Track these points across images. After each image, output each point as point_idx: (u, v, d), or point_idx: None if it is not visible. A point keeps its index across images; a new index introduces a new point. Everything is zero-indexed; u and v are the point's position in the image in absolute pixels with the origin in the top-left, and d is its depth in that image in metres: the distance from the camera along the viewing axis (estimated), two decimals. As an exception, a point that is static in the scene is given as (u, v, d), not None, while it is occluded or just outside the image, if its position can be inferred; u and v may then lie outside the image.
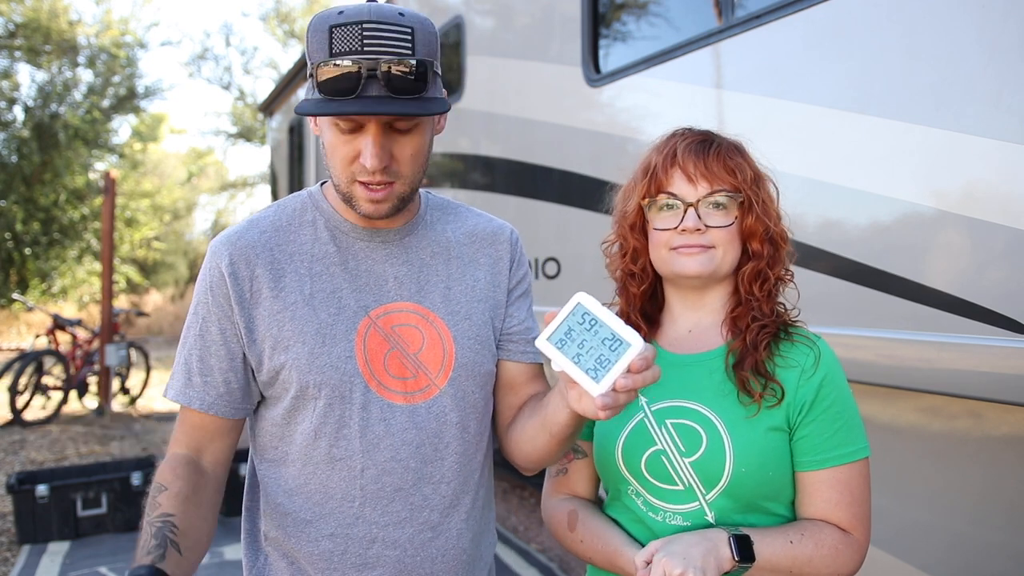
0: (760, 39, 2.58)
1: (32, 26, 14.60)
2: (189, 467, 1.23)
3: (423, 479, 1.26)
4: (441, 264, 1.32)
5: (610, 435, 1.31)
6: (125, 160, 18.04)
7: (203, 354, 1.24)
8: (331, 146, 1.18)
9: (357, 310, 1.25)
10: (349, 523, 1.24)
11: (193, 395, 1.24)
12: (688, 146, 1.27)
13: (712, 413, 1.24)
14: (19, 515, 4.47)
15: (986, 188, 1.96)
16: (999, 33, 1.92)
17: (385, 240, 1.29)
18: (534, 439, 1.23)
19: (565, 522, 1.35)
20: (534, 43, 4.08)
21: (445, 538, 1.28)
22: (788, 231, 1.32)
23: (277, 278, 1.23)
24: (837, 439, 1.22)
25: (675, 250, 1.26)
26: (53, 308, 14.73)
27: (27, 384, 7.59)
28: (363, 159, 1.15)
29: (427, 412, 1.26)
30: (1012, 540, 2.04)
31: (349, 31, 1.09)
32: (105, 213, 8.09)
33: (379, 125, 1.13)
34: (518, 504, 5.12)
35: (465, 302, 1.32)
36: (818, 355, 1.24)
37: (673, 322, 1.35)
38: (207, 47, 30.72)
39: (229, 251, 1.23)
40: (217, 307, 1.23)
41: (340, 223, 1.29)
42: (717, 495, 1.21)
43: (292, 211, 1.30)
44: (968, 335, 1.95)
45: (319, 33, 1.12)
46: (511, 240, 1.40)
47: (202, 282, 1.25)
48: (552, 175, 3.85)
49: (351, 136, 1.15)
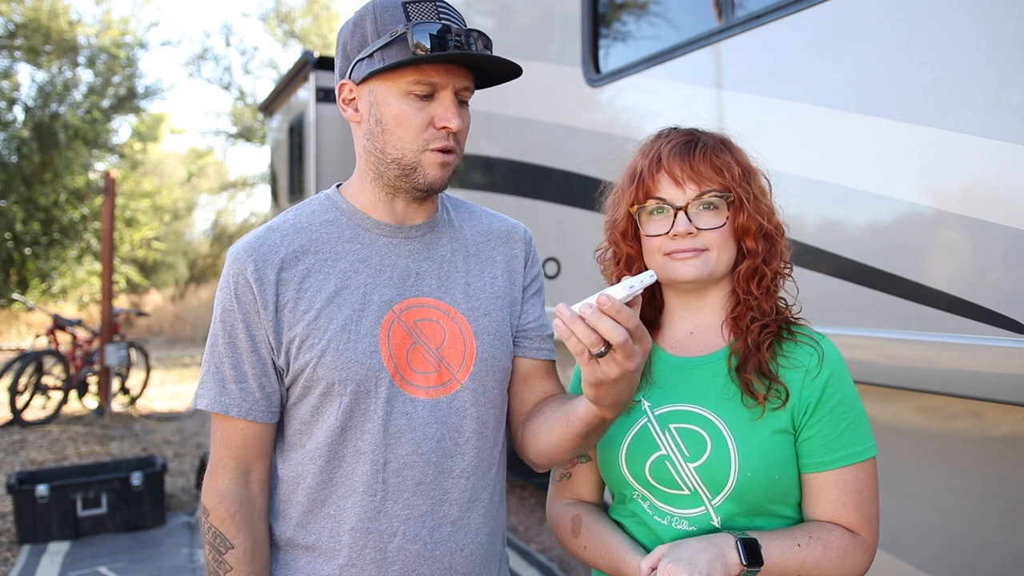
0: (760, 39, 2.58)
1: (32, 26, 14.60)
2: (244, 509, 1.26)
3: (443, 473, 1.27)
4: (461, 261, 1.34)
5: (614, 440, 1.29)
6: (125, 160, 18.05)
7: (235, 361, 1.24)
8: (401, 116, 1.21)
9: (381, 305, 1.26)
10: (371, 517, 1.24)
11: (230, 402, 1.25)
12: (672, 148, 1.26)
13: (716, 417, 1.22)
14: (19, 515, 4.47)
15: (986, 188, 1.96)
16: (999, 33, 1.92)
17: (408, 236, 1.31)
18: (551, 430, 1.25)
19: (569, 527, 1.34)
20: (534, 43, 4.08)
21: (464, 532, 1.29)
22: (783, 225, 1.30)
23: (302, 279, 1.25)
24: (843, 439, 1.21)
25: (669, 255, 1.24)
26: (53, 308, 14.74)
27: (27, 384, 7.59)
28: (444, 121, 1.21)
29: (448, 407, 1.27)
30: (1012, 540, 2.04)
31: (425, 6, 1.19)
32: (105, 213, 8.09)
33: (453, 91, 1.22)
34: (518, 504, 5.12)
35: (485, 298, 1.33)
36: (822, 354, 1.23)
37: (673, 325, 1.34)
38: (207, 47, 30.71)
39: (252, 257, 1.24)
40: (244, 313, 1.23)
41: (362, 220, 1.30)
42: (723, 500, 1.20)
43: (312, 213, 1.31)
44: (968, 335, 1.95)
45: (393, 9, 1.20)
46: (525, 238, 1.44)
47: (225, 290, 1.25)
48: (552, 175, 3.85)
49: (424, 103, 1.21)
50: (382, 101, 1.22)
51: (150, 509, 4.68)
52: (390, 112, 1.22)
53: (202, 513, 1.27)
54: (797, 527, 1.21)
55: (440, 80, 1.20)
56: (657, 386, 1.29)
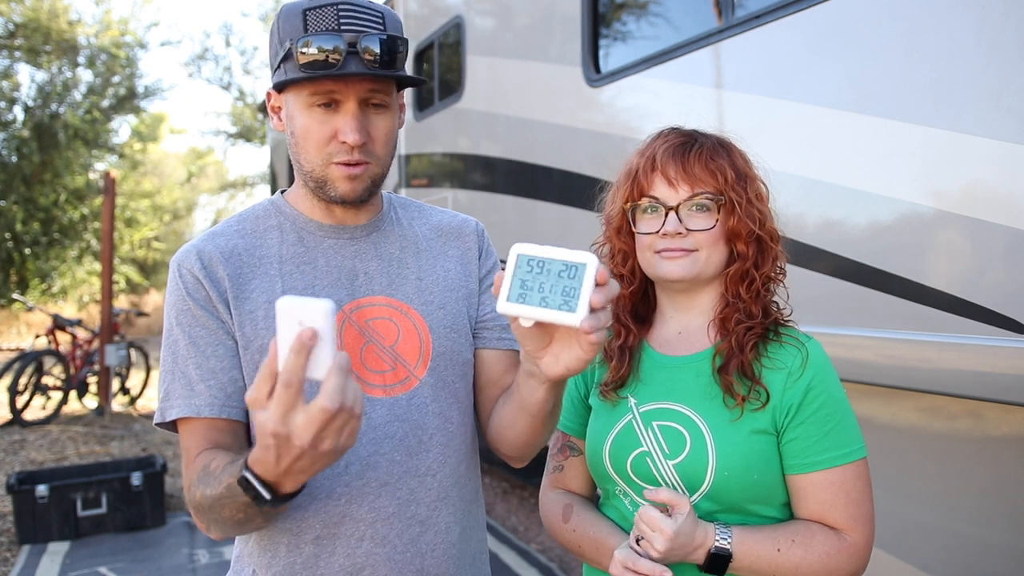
0: (760, 39, 2.58)
1: (32, 26, 14.59)
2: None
3: (408, 472, 1.24)
4: (411, 257, 1.32)
5: (599, 435, 1.31)
6: (125, 160, 18.04)
7: (200, 360, 1.18)
8: (305, 130, 1.19)
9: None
10: (335, 523, 1.21)
11: (201, 403, 1.17)
12: (668, 149, 1.26)
13: (697, 416, 1.24)
14: (19, 515, 4.47)
15: (986, 188, 1.96)
16: (999, 33, 1.92)
17: (353, 237, 1.29)
18: (514, 424, 1.21)
19: (560, 514, 1.36)
20: (534, 43, 4.08)
21: (434, 532, 1.26)
22: (779, 231, 1.30)
23: (245, 282, 1.22)
24: (827, 442, 1.21)
25: (658, 253, 1.26)
26: (53, 308, 14.73)
27: (27, 384, 7.59)
28: (343, 135, 1.16)
29: (408, 404, 1.25)
30: (1013, 540, 2.04)
31: (325, 12, 1.14)
32: (105, 213, 8.09)
33: (356, 101, 1.17)
34: (518, 504, 5.12)
35: (438, 292, 1.32)
36: (806, 356, 1.23)
37: (663, 323, 1.35)
38: (207, 47, 30.71)
39: (198, 255, 1.22)
40: (200, 309, 1.19)
41: (306, 223, 1.28)
42: (700, 498, 1.21)
43: (255, 219, 1.29)
44: (968, 335, 1.95)
45: (293, 17, 1.16)
46: (477, 231, 1.42)
47: (175, 292, 1.21)
48: (552, 175, 3.85)
49: (327, 115, 1.17)
50: (292, 113, 1.21)
51: (150, 509, 4.68)
52: (298, 125, 1.20)
53: (192, 512, 1.16)
54: (783, 527, 1.21)
55: (337, 90, 1.16)
56: (644, 383, 1.31)
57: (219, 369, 1.19)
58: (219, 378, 1.19)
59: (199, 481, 1.11)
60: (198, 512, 1.13)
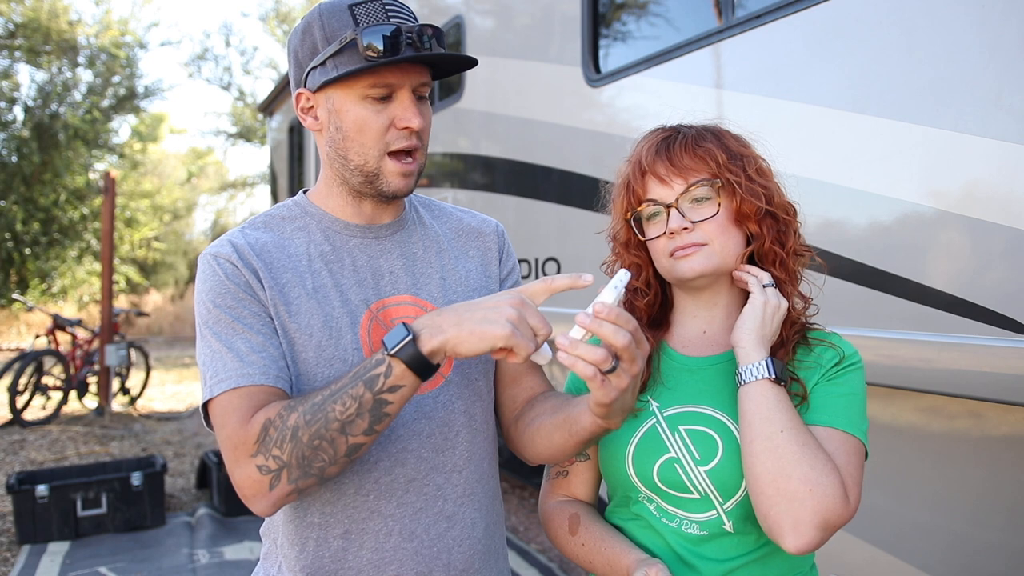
0: (760, 39, 2.58)
1: (32, 26, 14.60)
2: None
3: (435, 468, 1.26)
4: (434, 256, 1.34)
5: (619, 441, 1.26)
6: (125, 160, 18.04)
7: (247, 336, 1.16)
8: (360, 122, 1.20)
9: (358, 304, 1.25)
10: (364, 518, 1.22)
11: (255, 371, 1.13)
12: (652, 148, 1.24)
13: (729, 419, 1.19)
14: (19, 515, 4.47)
15: (986, 188, 1.96)
16: (999, 33, 1.92)
17: (378, 236, 1.30)
18: (551, 436, 1.21)
19: (566, 525, 1.32)
20: (534, 43, 4.08)
21: (460, 527, 1.28)
22: (793, 204, 1.26)
23: (278, 275, 1.23)
24: (840, 404, 1.16)
25: (672, 255, 1.22)
26: (53, 308, 14.74)
27: (27, 384, 7.59)
28: (404, 121, 1.20)
29: (434, 401, 1.26)
30: (1012, 540, 2.04)
31: (372, 7, 1.18)
32: (105, 213, 8.09)
33: (410, 90, 1.20)
34: (518, 504, 5.12)
35: (461, 291, 1.33)
36: (843, 354, 1.20)
37: (684, 324, 1.31)
38: (207, 47, 30.74)
39: (233, 246, 1.22)
40: (242, 291, 1.18)
41: (332, 222, 1.29)
42: (735, 504, 1.17)
43: (281, 219, 1.30)
44: (968, 335, 1.95)
45: (339, 13, 1.18)
46: (497, 232, 1.43)
47: (212, 279, 1.19)
48: (552, 175, 3.85)
49: (382, 106, 1.20)
50: (340, 108, 1.21)
51: (150, 509, 4.68)
52: (349, 118, 1.21)
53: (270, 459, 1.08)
54: (805, 425, 1.13)
55: (396, 81, 1.19)
56: (666, 386, 1.26)
57: (268, 344, 1.17)
58: (269, 351, 1.17)
59: (308, 411, 1.06)
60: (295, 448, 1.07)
